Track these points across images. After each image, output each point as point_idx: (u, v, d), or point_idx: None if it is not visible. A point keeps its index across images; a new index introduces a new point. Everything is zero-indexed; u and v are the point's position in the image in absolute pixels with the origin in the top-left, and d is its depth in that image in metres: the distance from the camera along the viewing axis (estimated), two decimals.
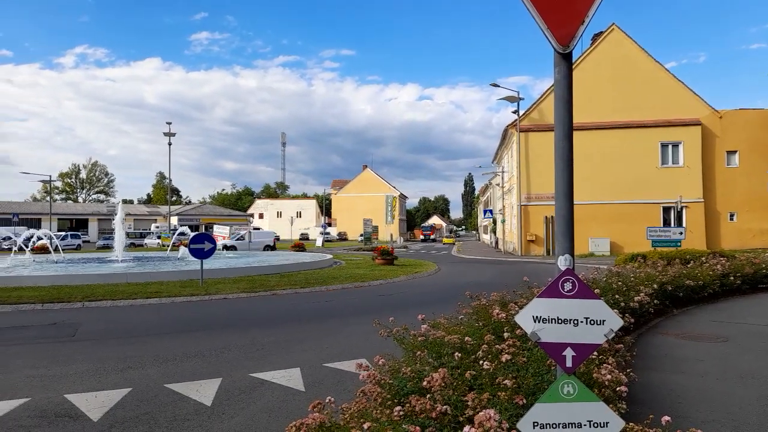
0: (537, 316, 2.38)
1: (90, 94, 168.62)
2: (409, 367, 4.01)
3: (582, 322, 2.37)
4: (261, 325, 10.40)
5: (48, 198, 76.53)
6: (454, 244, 70.63)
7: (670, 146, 34.70)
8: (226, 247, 38.78)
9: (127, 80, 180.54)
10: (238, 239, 43.41)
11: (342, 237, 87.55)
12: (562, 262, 2.40)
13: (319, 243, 60.39)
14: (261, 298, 14.15)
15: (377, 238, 65.70)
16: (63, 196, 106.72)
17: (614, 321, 2.39)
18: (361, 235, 64.06)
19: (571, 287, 2.37)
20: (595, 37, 36.94)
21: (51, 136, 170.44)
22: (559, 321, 2.37)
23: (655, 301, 9.36)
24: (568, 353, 2.35)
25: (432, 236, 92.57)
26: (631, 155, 34.25)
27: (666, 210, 34.33)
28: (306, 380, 6.20)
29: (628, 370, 4.27)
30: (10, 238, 36.81)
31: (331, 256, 29.56)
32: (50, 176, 64.87)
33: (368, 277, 19.54)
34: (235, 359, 7.35)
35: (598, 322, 2.37)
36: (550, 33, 2.38)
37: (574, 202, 2.49)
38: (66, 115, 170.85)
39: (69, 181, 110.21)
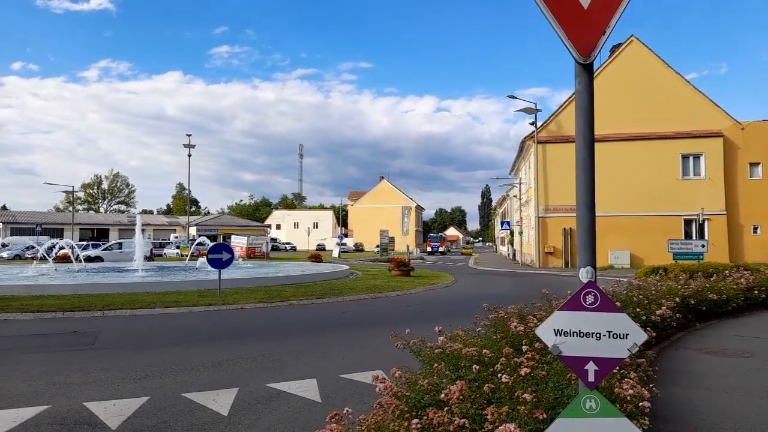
0: (558, 329, 2.34)
1: (113, 107, 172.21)
2: (426, 379, 3.97)
3: (605, 335, 2.32)
4: (278, 335, 10.41)
5: (71, 208, 78.00)
6: (471, 254, 70.41)
7: (691, 158, 34.21)
8: (90, 258, 34.33)
9: (148, 93, 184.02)
10: (105, 249, 38.92)
11: (358, 248, 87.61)
12: (584, 275, 2.36)
13: (335, 254, 60.49)
14: (278, 309, 14.19)
15: (394, 249, 65.61)
16: (85, 206, 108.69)
17: (638, 335, 2.34)
18: (378, 246, 64.06)
19: (593, 300, 2.33)
20: (614, 48, 36.73)
21: (74, 148, 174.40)
22: (581, 334, 2.32)
23: (678, 315, 9.18)
24: (591, 367, 2.31)
25: (441, 248, 75.14)
26: (651, 167, 33.82)
27: (687, 222, 33.79)
28: (322, 391, 6.18)
29: (650, 385, 4.19)
30: (33, 247, 37.49)
31: (347, 267, 29.58)
32: (73, 187, 66.19)
33: (385, 288, 19.49)
34: (251, 369, 7.36)
35: (622, 336, 2.33)
36: (571, 44, 2.36)
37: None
38: (89, 127, 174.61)
39: (91, 191, 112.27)
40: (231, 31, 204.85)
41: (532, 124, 36.82)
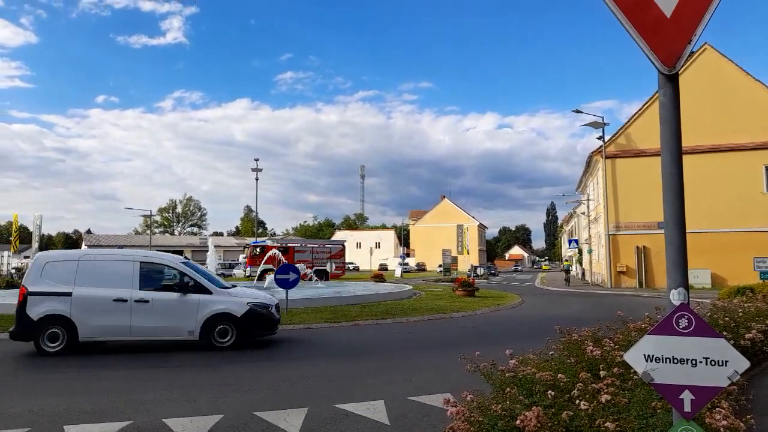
0: (649, 355, 2.20)
1: (186, 135, 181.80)
2: (498, 404, 3.85)
3: (701, 362, 2.16)
4: (343, 355, 10.46)
5: (148, 231, 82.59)
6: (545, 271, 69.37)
7: None
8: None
9: (219, 120, 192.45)
10: None
11: (420, 268, 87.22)
12: (675, 296, 2.21)
13: (398, 273, 60.48)
14: (343, 329, 14.27)
15: (456, 269, 64.90)
16: (161, 229, 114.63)
17: (739, 362, 2.16)
18: (440, 266, 63.57)
19: (687, 324, 2.17)
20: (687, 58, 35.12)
21: (151, 174, 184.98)
22: (675, 360, 2.17)
23: None
24: (686, 396, 2.15)
25: (316, 268, 37.89)
26: (732, 180, 31.76)
27: None
28: (390, 413, 6.11)
29: (748, 416, 3.87)
30: None
31: (410, 287, 29.43)
32: (150, 211, 70.22)
33: (449, 308, 19.22)
34: (319, 389, 7.41)
35: (720, 363, 2.15)
36: (654, 55, 2.26)
37: None
38: (164, 154, 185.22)
39: (167, 215, 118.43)
40: (295, 57, 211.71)
41: (599, 138, 35.64)
